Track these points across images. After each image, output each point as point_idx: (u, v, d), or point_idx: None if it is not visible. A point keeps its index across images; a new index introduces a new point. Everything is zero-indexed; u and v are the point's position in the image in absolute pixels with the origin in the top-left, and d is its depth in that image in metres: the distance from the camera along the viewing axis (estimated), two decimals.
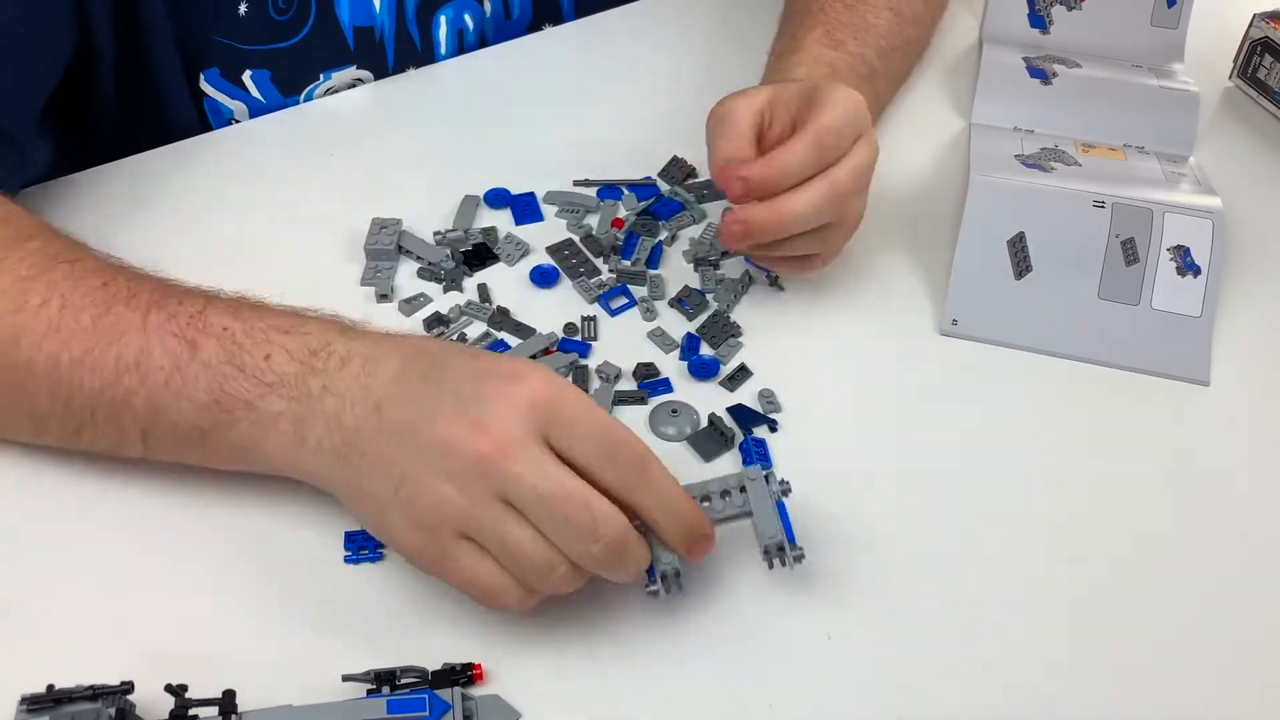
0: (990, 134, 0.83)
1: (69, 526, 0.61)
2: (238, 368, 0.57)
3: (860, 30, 0.82)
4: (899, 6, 0.86)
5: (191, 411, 0.57)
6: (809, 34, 0.81)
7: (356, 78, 0.86)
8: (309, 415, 0.56)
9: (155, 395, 0.57)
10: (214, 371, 0.56)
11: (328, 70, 0.84)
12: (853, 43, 0.81)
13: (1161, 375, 0.72)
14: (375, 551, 0.60)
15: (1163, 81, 0.86)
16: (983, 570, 0.61)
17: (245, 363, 0.57)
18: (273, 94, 0.83)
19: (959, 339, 0.73)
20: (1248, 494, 0.66)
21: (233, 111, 0.83)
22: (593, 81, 0.91)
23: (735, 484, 0.58)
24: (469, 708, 0.53)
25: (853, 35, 0.82)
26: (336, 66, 0.85)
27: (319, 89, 0.85)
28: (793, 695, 0.56)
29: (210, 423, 0.57)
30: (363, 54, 0.85)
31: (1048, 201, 0.74)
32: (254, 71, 0.81)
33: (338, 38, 0.83)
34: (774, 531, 0.56)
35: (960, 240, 0.74)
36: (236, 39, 0.79)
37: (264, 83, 0.82)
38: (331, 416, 0.55)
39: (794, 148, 0.67)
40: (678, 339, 0.72)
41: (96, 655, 0.54)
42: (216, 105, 0.82)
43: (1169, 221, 0.73)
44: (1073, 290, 0.73)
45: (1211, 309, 0.72)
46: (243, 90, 0.82)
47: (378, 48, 0.85)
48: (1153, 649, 0.59)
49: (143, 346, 0.57)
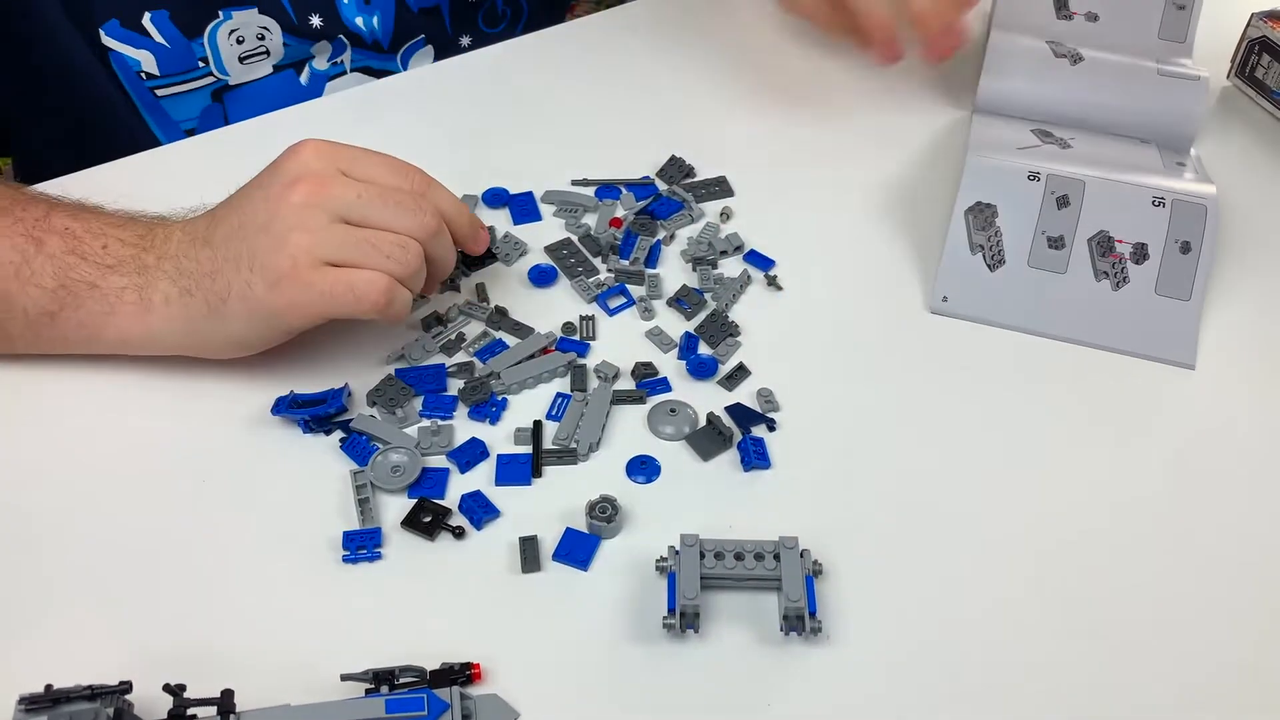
0: (991, 120, 0.83)
1: (68, 526, 0.61)
2: (80, 256, 0.64)
3: None
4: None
5: (39, 296, 0.63)
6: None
7: (262, 26, 0.85)
8: (150, 283, 0.64)
9: (6, 286, 0.63)
10: (58, 262, 0.63)
11: (227, 9, 0.84)
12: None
13: (1149, 358, 0.72)
14: (374, 551, 0.60)
15: (1168, 67, 0.86)
16: (980, 565, 0.61)
17: (85, 252, 0.64)
18: (175, 35, 0.83)
19: (949, 317, 0.74)
20: (1231, 476, 0.66)
21: (140, 63, 0.83)
22: (591, 81, 0.91)
23: (770, 550, 0.59)
24: (467, 707, 0.53)
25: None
26: (236, 6, 0.84)
27: (221, 29, 0.84)
28: (792, 695, 0.56)
29: (58, 305, 0.63)
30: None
31: (1042, 184, 0.74)
32: (153, 14, 0.82)
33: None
34: (799, 601, 0.57)
35: (953, 219, 0.74)
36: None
37: (164, 24, 0.82)
38: (170, 274, 0.63)
39: None
40: (676, 338, 0.72)
41: (95, 655, 0.54)
42: (123, 59, 0.82)
43: (1163, 206, 0.73)
44: (1064, 271, 0.73)
45: (1201, 294, 0.73)
46: (145, 37, 0.82)
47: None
48: (1138, 628, 0.59)
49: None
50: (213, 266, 0.62)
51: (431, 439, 0.65)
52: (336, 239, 0.61)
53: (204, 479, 0.63)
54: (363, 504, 0.61)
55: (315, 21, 0.87)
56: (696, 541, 0.59)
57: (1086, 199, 0.74)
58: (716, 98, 0.89)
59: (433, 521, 0.61)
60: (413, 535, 0.61)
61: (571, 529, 0.61)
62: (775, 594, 0.59)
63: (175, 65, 0.83)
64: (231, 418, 0.65)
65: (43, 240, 0.64)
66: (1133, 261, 0.73)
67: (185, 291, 0.63)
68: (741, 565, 0.58)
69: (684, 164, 0.83)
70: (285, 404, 0.65)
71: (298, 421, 0.65)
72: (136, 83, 0.83)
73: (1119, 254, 0.73)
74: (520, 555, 0.60)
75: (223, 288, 0.62)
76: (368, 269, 0.61)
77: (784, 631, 0.57)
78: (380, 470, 0.63)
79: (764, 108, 0.89)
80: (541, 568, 0.60)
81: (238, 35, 0.85)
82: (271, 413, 0.65)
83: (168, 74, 0.84)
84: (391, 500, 0.62)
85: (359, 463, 0.64)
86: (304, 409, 0.65)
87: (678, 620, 0.56)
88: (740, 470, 0.65)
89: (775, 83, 0.90)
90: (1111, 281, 0.73)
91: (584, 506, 0.61)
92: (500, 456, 0.65)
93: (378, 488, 0.62)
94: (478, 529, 0.62)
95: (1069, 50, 0.85)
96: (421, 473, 0.63)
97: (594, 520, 0.61)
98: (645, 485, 0.64)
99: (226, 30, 0.84)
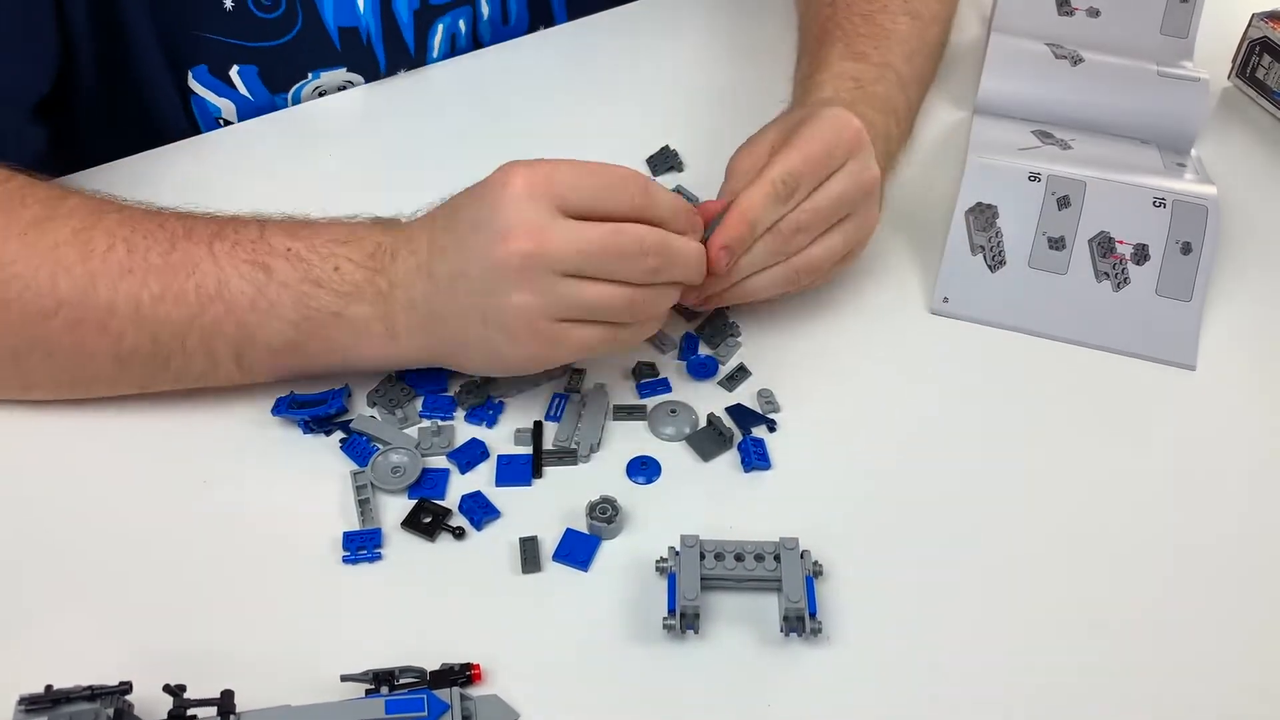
0: (992, 121, 0.83)
1: (69, 526, 0.61)
2: (314, 283, 0.61)
3: (881, 39, 0.80)
4: (916, 9, 0.84)
5: (283, 329, 0.62)
6: (830, 50, 0.79)
7: (347, 80, 0.86)
8: (390, 312, 0.62)
9: (244, 319, 0.61)
10: (294, 291, 0.61)
11: (316, 70, 0.84)
12: (875, 53, 0.79)
13: (1149, 359, 0.72)
14: (374, 551, 0.60)
15: (1170, 69, 0.85)
16: (980, 566, 0.61)
17: (319, 277, 0.61)
18: (260, 91, 0.83)
19: (950, 318, 0.74)
20: (1232, 477, 0.66)
21: (220, 110, 0.83)
22: (589, 82, 0.91)
23: (771, 550, 0.59)
24: (467, 708, 0.53)
25: (874, 45, 0.80)
26: (325, 67, 0.84)
27: (307, 88, 0.85)
28: (792, 695, 0.56)
29: (304, 336, 0.62)
30: (350, 55, 0.85)
31: (1042, 184, 0.74)
32: (241, 68, 0.81)
33: (324, 37, 0.83)
34: (799, 602, 0.57)
35: (954, 220, 0.74)
36: (224, 34, 0.79)
37: (252, 79, 0.82)
38: (405, 304, 0.62)
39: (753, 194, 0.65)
40: (676, 339, 0.72)
41: (95, 655, 0.54)
42: (204, 104, 0.82)
43: (1164, 207, 0.73)
44: (1065, 272, 0.73)
45: (1202, 295, 0.73)
46: (230, 88, 0.82)
47: (365, 50, 0.85)
48: (1139, 629, 0.59)
49: (219, 276, 0.61)
50: (445, 310, 0.61)
51: (432, 439, 0.65)
52: (565, 302, 0.59)
53: (204, 479, 0.63)
54: (363, 504, 0.61)
55: (406, 72, 0.88)
56: (697, 542, 0.58)
57: (1087, 200, 0.74)
58: (717, 97, 0.89)
59: (433, 522, 0.61)
60: (413, 536, 0.61)
61: (572, 529, 0.61)
62: (775, 595, 0.59)
63: (253, 114, 0.84)
64: (232, 417, 0.65)
65: (270, 266, 0.61)
66: (1133, 262, 0.73)
67: (426, 330, 0.62)
68: (742, 566, 0.58)
69: (674, 155, 0.83)
70: (285, 404, 0.65)
71: (298, 422, 0.65)
72: (213, 126, 0.84)
73: (1120, 255, 0.73)
74: (520, 556, 0.60)
75: (461, 333, 0.62)
76: (607, 330, 0.61)
77: (784, 632, 0.57)
78: (381, 471, 0.63)
79: (765, 108, 0.89)
80: (542, 568, 0.60)
81: (321, 90, 0.86)
82: (272, 413, 0.65)
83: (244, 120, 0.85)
84: (392, 501, 0.62)
85: (359, 463, 0.64)
86: (304, 409, 0.65)
87: (678, 621, 0.56)
88: (740, 471, 0.65)
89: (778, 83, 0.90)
90: (1112, 282, 0.73)
91: (584, 507, 0.61)
92: (500, 457, 0.65)
93: (378, 488, 0.62)
94: (478, 529, 0.61)
95: (1069, 52, 0.85)
96: (422, 473, 0.63)
97: (594, 521, 0.61)
98: (645, 486, 0.64)
99: (312, 88, 0.85)
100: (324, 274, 0.61)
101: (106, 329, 0.61)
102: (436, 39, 0.89)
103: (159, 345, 0.61)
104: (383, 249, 0.62)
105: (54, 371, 0.63)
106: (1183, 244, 0.73)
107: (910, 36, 0.82)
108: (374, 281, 0.62)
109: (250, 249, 0.62)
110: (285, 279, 0.61)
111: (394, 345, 0.63)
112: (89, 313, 0.60)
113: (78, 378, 0.63)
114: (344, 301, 0.61)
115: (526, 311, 0.59)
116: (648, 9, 0.98)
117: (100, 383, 0.64)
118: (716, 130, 0.86)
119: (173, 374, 0.63)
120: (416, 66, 0.89)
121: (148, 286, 0.61)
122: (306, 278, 0.61)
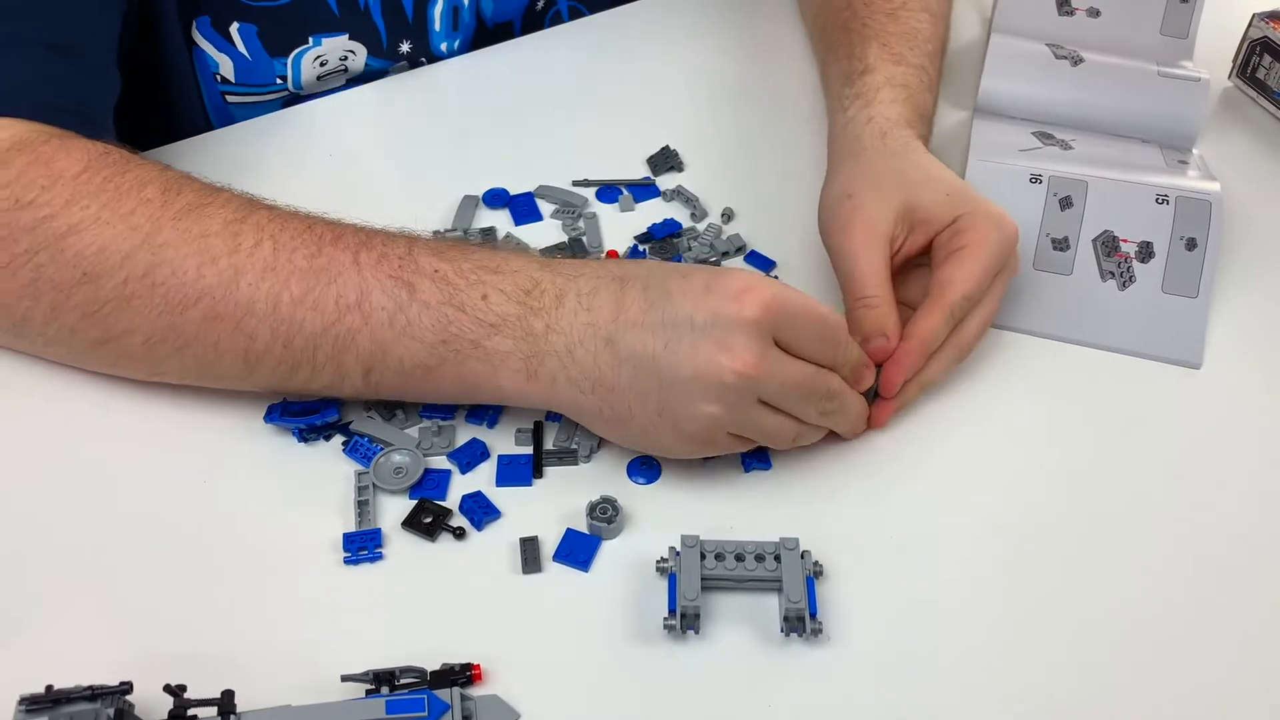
0: (993, 122, 0.83)
1: (69, 526, 0.61)
2: (458, 308, 0.60)
3: (910, 38, 0.81)
4: (931, 6, 0.85)
5: (418, 350, 0.60)
6: (868, 49, 0.79)
7: (348, 49, 0.85)
8: (538, 354, 0.60)
9: (380, 335, 0.60)
10: (435, 313, 0.60)
11: (316, 35, 0.83)
12: (910, 54, 0.80)
13: (1156, 358, 0.72)
14: (375, 551, 0.60)
15: (1170, 69, 0.85)
16: (981, 565, 0.61)
17: (464, 303, 0.60)
18: (259, 52, 0.82)
19: None
20: (1239, 475, 0.66)
21: (218, 66, 0.82)
22: (592, 81, 0.91)
23: (771, 550, 0.59)
24: (468, 708, 0.53)
25: (908, 45, 0.80)
26: (325, 33, 0.84)
27: (307, 56, 0.84)
28: (792, 695, 0.56)
29: (437, 361, 0.60)
30: (349, 22, 0.84)
31: (1044, 185, 0.74)
32: (241, 25, 0.81)
33: (321, 2, 0.82)
34: (799, 602, 0.57)
35: None
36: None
37: (251, 38, 0.81)
38: (562, 353, 0.60)
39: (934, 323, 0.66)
40: None
41: (95, 655, 0.54)
42: (205, 57, 0.82)
43: (1167, 204, 0.73)
44: (1069, 272, 0.73)
45: (1208, 291, 0.73)
46: (230, 44, 0.81)
47: (364, 17, 0.85)
48: (1141, 628, 0.59)
49: (361, 287, 0.60)
50: (614, 382, 0.59)
51: (433, 439, 0.65)
52: (748, 424, 0.60)
53: (205, 479, 0.63)
54: (361, 505, 0.61)
55: (405, 48, 0.88)
56: (697, 542, 0.58)
57: (1090, 199, 0.74)
58: (717, 99, 0.89)
59: (433, 522, 0.61)
60: (413, 536, 0.61)
61: (572, 530, 0.61)
62: (776, 595, 0.59)
63: (251, 77, 0.83)
64: (233, 417, 0.65)
65: (414, 285, 0.60)
66: (1138, 260, 0.73)
67: (578, 387, 0.60)
68: (742, 566, 0.58)
69: (674, 155, 0.83)
70: (279, 412, 0.64)
71: (292, 430, 0.64)
72: (211, 82, 0.83)
73: (1124, 253, 0.73)
74: (521, 556, 0.60)
75: (624, 411, 0.60)
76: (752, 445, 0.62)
77: (784, 632, 0.57)
78: (383, 471, 0.63)
79: (765, 108, 0.89)
80: (542, 568, 0.60)
81: (321, 59, 0.85)
82: (265, 420, 0.64)
83: (242, 83, 0.84)
84: (392, 501, 0.62)
85: (363, 465, 0.63)
86: (298, 418, 0.64)
87: (678, 621, 0.56)
88: (741, 471, 0.65)
89: (778, 83, 0.90)
90: (1118, 281, 0.73)
91: (585, 507, 0.61)
92: (501, 457, 0.65)
93: (380, 488, 0.62)
94: (478, 530, 0.61)
95: (1069, 52, 0.85)
96: (424, 473, 0.63)
97: (595, 521, 0.61)
98: (646, 486, 0.64)
99: (312, 55, 0.84)
100: (469, 300, 0.60)
101: (241, 327, 0.60)
102: (437, 9, 0.88)
103: (290, 351, 0.60)
104: (541, 288, 0.60)
105: (184, 363, 0.62)
106: (1187, 240, 0.73)
107: (933, 35, 0.83)
108: (525, 320, 0.60)
109: (396, 264, 0.61)
110: (428, 299, 0.60)
111: (528, 385, 0.61)
112: (228, 308, 0.60)
113: (205, 373, 0.63)
114: (486, 331, 0.60)
115: (712, 421, 0.59)
116: (648, 9, 0.98)
117: (226, 380, 0.63)
118: (717, 130, 0.87)
119: (300, 382, 0.62)
120: (419, 40, 0.88)
121: (289, 288, 0.60)
122: (450, 301, 0.60)
